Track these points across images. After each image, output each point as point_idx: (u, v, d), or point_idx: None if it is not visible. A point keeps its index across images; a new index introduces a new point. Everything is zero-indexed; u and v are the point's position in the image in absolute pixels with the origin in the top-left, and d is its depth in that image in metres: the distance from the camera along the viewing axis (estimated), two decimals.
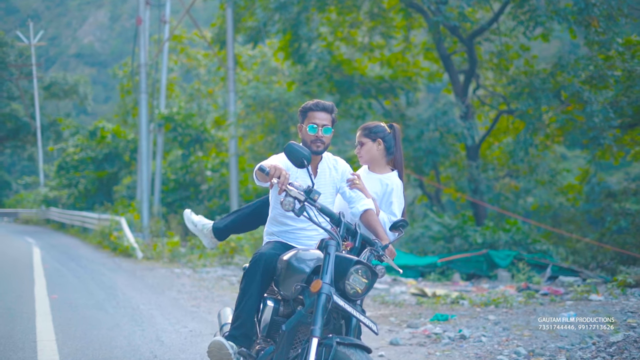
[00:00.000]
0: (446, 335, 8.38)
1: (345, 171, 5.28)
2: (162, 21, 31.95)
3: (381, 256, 4.66)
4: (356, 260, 4.36)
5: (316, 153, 5.07)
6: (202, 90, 40.92)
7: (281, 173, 4.40)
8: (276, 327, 4.76)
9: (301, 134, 5.15)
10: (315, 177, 5.13)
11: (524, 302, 10.87)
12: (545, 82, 19.52)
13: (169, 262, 18.70)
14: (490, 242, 18.04)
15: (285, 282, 4.69)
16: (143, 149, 25.72)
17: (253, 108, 23.70)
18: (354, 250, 4.59)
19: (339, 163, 5.29)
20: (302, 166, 4.52)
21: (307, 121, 5.10)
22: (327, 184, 5.18)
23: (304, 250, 4.75)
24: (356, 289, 4.37)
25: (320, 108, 5.08)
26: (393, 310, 10.74)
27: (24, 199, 51.02)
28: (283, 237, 5.20)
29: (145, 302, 11.31)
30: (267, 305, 4.84)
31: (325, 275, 4.31)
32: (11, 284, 13.29)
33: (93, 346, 7.71)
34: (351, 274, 4.34)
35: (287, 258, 4.72)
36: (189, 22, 37.55)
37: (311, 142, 5.05)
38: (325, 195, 5.12)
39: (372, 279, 4.39)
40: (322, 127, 5.04)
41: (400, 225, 4.97)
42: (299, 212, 4.42)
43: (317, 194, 4.45)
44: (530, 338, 8.02)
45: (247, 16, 25.12)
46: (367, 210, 5.16)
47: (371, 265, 4.45)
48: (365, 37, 25.42)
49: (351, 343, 4.23)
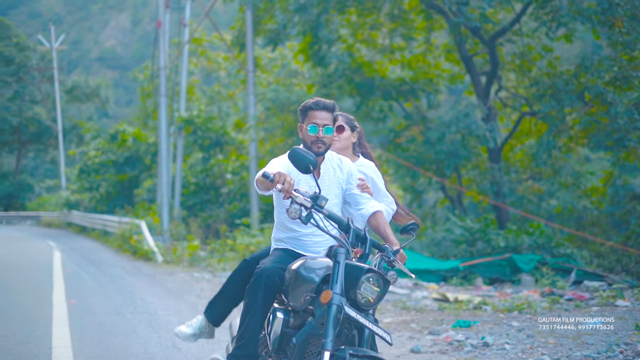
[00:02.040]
0: (469, 343, 8.20)
1: (352, 172, 5.10)
2: (182, 24, 31.96)
3: (392, 262, 4.50)
4: (367, 268, 4.21)
5: (318, 154, 4.87)
6: (223, 93, 40.90)
7: (285, 179, 4.24)
8: (287, 340, 4.57)
9: (301, 134, 4.96)
10: (319, 179, 4.93)
11: (548, 307, 10.68)
12: (568, 84, 19.27)
13: (188, 266, 18.62)
14: (514, 246, 17.82)
15: (294, 292, 4.52)
16: (163, 152, 25.70)
17: (273, 111, 23.61)
18: (364, 257, 4.44)
19: (344, 163, 5.11)
20: (308, 172, 4.37)
21: (307, 121, 4.90)
22: (332, 184, 5.00)
23: (312, 259, 4.58)
24: (368, 298, 4.21)
25: (321, 107, 4.88)
26: (414, 316, 10.57)
27: (46, 202, 51.26)
28: (291, 243, 5.02)
29: (164, 307, 11.21)
30: (277, 317, 4.63)
31: (335, 285, 4.16)
32: (30, 288, 13.25)
33: (109, 353, 7.61)
34: (362, 283, 4.19)
35: (296, 267, 4.56)
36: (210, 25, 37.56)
37: (312, 142, 4.87)
38: (330, 196, 4.94)
39: (384, 287, 4.24)
40: (323, 127, 4.84)
41: (411, 228, 4.82)
42: (305, 220, 4.27)
43: (324, 200, 4.30)
44: (555, 346, 7.84)
45: (266, 18, 25.03)
46: (377, 212, 4.99)
47: (383, 272, 4.30)
48: (386, 39, 25.25)
49: (365, 355, 4.09)
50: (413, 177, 23.82)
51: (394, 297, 12.67)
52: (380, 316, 10.59)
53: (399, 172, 24.10)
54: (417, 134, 23.58)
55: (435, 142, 21.12)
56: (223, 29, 38.37)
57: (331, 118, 4.89)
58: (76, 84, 60.37)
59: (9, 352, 7.52)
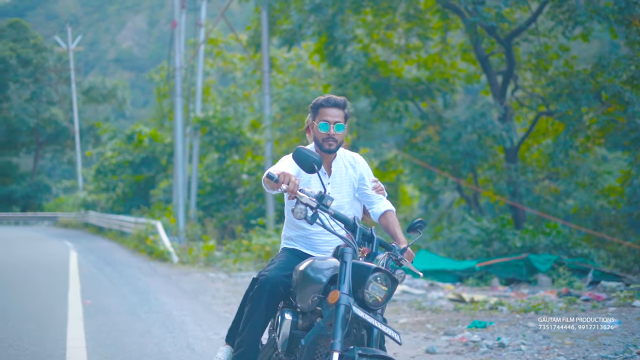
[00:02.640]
0: (484, 344, 8.15)
1: (365, 171, 5.04)
2: (197, 25, 32.01)
3: (400, 260, 4.46)
4: (375, 267, 4.17)
5: (329, 151, 4.82)
6: (238, 94, 40.92)
7: (290, 179, 4.20)
8: (296, 342, 4.51)
9: (312, 131, 4.89)
10: (330, 177, 4.89)
11: (565, 308, 10.60)
12: (585, 83, 19.15)
13: (204, 267, 18.63)
14: (530, 246, 17.71)
15: (301, 293, 4.47)
16: (179, 152, 25.74)
17: (288, 111, 23.60)
18: (371, 256, 4.40)
19: (357, 161, 5.04)
20: (313, 171, 4.31)
21: (318, 118, 4.83)
22: (344, 183, 4.94)
23: (319, 260, 4.54)
24: (376, 298, 4.17)
25: (332, 104, 4.80)
26: (430, 317, 10.51)
27: (63, 203, 51.49)
28: (300, 242, 4.96)
29: (178, 307, 11.21)
30: (285, 318, 4.56)
31: (342, 285, 4.12)
32: (46, 288, 13.29)
33: (123, 353, 7.61)
34: (370, 282, 4.15)
35: (303, 268, 4.51)
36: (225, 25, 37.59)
37: (323, 140, 4.79)
38: (342, 195, 4.90)
39: (392, 286, 4.20)
40: (334, 124, 4.77)
41: (418, 226, 4.77)
42: (311, 220, 4.23)
43: (329, 200, 4.25)
44: (571, 347, 7.77)
45: (282, 19, 25.04)
46: (387, 212, 4.95)
47: (390, 271, 4.26)
48: (402, 38, 25.19)
49: (374, 355, 4.05)
50: (429, 177, 23.78)
51: (410, 297, 12.62)
52: (395, 316, 10.55)
53: (415, 172, 24.06)
54: (433, 134, 23.53)
55: (451, 142, 21.04)
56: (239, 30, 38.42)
57: (342, 115, 4.82)
58: (93, 85, 60.63)
59: (24, 352, 7.54)
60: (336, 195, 4.85)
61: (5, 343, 8.01)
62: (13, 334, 8.49)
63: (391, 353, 7.84)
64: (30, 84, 56.33)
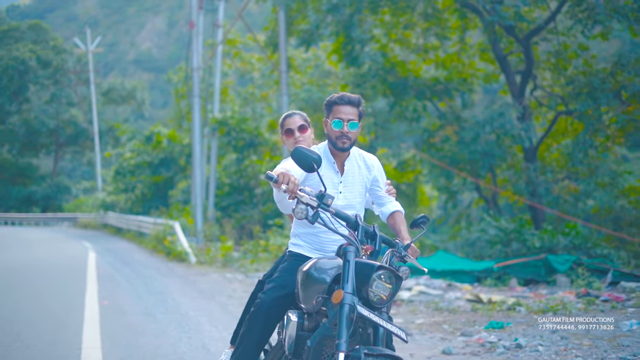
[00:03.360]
0: (501, 344, 8.08)
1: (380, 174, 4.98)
2: (215, 25, 32.05)
3: (404, 257, 4.41)
4: (378, 265, 4.12)
5: (342, 150, 4.74)
6: (256, 94, 40.94)
7: (290, 179, 4.15)
8: (303, 343, 4.45)
9: (326, 129, 4.81)
10: (342, 175, 4.82)
11: (583, 309, 10.49)
12: (604, 82, 19.03)
13: (221, 267, 18.63)
14: (549, 246, 17.60)
15: (305, 294, 4.42)
16: (196, 153, 25.76)
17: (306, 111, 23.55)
18: (375, 253, 4.35)
19: (372, 162, 4.98)
20: (312, 170, 4.26)
21: (332, 116, 4.75)
22: (356, 182, 4.87)
23: (322, 259, 4.49)
24: (380, 296, 4.12)
25: (346, 101, 4.73)
26: (447, 317, 10.44)
27: (82, 204, 51.68)
28: (308, 239, 4.88)
29: (195, 308, 11.19)
30: (291, 320, 4.51)
31: (346, 284, 4.08)
32: (64, 289, 13.32)
33: (138, 354, 7.59)
34: (374, 281, 4.11)
35: (307, 269, 4.45)
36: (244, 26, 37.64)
37: (336, 138, 4.71)
38: (354, 194, 4.84)
39: (396, 283, 4.15)
40: (348, 122, 4.69)
41: (421, 222, 4.72)
42: (313, 220, 4.19)
43: (330, 198, 4.21)
44: (590, 348, 7.68)
45: (299, 19, 25.02)
46: (397, 212, 4.92)
47: (394, 269, 4.22)
48: (420, 38, 25.12)
49: (380, 354, 4.00)
50: (447, 177, 23.69)
51: (427, 298, 12.55)
52: (412, 317, 10.50)
53: (433, 172, 23.99)
54: (451, 134, 23.45)
55: (469, 142, 20.96)
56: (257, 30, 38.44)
57: (356, 113, 4.75)
58: (112, 87, 60.90)
59: (39, 353, 7.54)
60: (348, 194, 4.81)
61: (23, 343, 8.02)
62: (30, 334, 8.51)
63: (407, 354, 7.82)
64: (50, 85, 56.64)
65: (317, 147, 4.87)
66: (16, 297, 12.04)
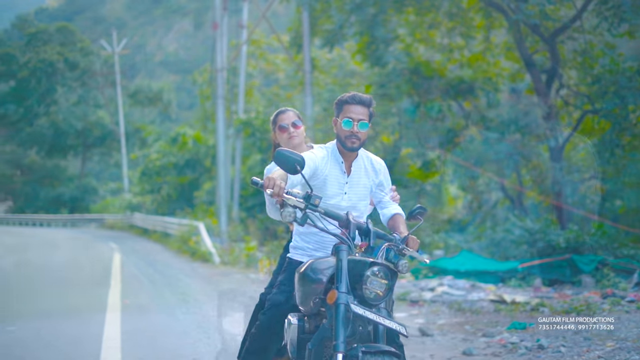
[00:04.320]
0: (523, 345, 7.99)
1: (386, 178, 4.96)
2: (239, 26, 32.12)
3: (402, 250, 4.36)
4: (371, 261, 4.08)
5: (351, 149, 4.71)
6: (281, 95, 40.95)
7: (275, 183, 4.12)
8: (305, 346, 4.40)
9: (336, 128, 4.79)
10: (349, 175, 4.79)
11: (608, 309, 10.37)
12: (632, 81, 18.82)
13: (245, 268, 18.65)
14: (575, 247, 17.40)
15: (303, 296, 4.39)
16: (220, 153, 25.83)
17: (330, 112, 23.55)
18: (369, 249, 4.31)
19: (378, 165, 4.95)
20: (296, 172, 4.21)
21: (342, 115, 4.72)
22: (361, 184, 4.83)
23: (318, 259, 4.45)
24: (376, 292, 4.09)
25: (357, 101, 4.69)
26: (469, 318, 10.36)
27: (109, 205, 51.98)
28: (310, 238, 4.85)
29: (216, 308, 11.20)
30: (292, 324, 4.48)
31: (340, 283, 4.05)
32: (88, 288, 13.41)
33: (157, 354, 7.62)
34: (368, 277, 4.07)
35: (303, 270, 4.42)
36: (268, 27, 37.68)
37: (345, 137, 4.69)
38: (359, 196, 4.81)
39: (392, 278, 4.12)
40: (358, 121, 4.66)
41: (418, 212, 4.65)
42: (301, 221, 4.17)
43: (317, 199, 4.18)
44: (613, 349, 7.57)
45: (323, 19, 25.00)
46: (397, 214, 4.87)
47: (389, 263, 4.17)
48: (445, 38, 25.00)
49: (378, 350, 3.98)
50: (472, 177, 23.54)
51: (450, 298, 12.46)
52: (434, 317, 10.44)
53: (458, 172, 23.84)
54: (476, 134, 23.30)
55: (494, 141, 20.80)
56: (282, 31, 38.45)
57: (367, 113, 4.72)
58: (139, 88, 61.23)
59: (59, 351, 7.58)
60: (353, 196, 4.79)
61: (43, 342, 8.08)
62: (52, 333, 8.57)
63: (427, 354, 7.76)
64: (78, 87, 57.08)
65: (326, 146, 4.85)
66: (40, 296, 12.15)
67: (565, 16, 22.18)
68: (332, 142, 4.88)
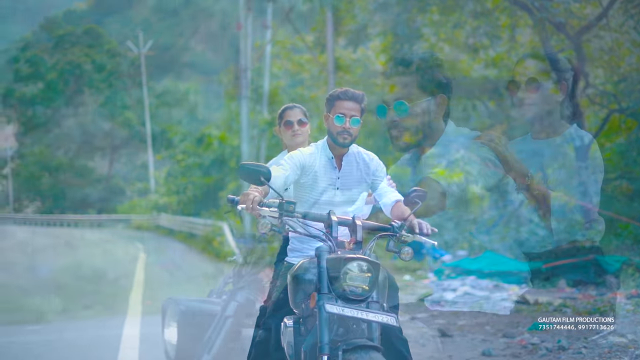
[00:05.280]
0: (544, 346, 7.94)
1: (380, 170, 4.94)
2: (263, 26, 32.16)
3: (401, 237, 4.33)
4: (346, 257, 4.05)
5: (342, 145, 4.74)
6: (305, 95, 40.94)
7: (247, 198, 4.11)
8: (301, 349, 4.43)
9: (327, 124, 4.81)
10: (340, 171, 4.79)
11: (632, 310, 10.26)
12: None
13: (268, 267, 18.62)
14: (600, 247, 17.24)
15: (295, 298, 4.40)
16: (244, 154, 25.88)
17: None
18: (358, 244, 4.28)
19: (371, 158, 4.95)
20: (262, 184, 4.21)
21: (334, 111, 4.75)
22: (353, 179, 4.83)
23: (306, 260, 4.43)
24: (360, 287, 4.05)
25: (349, 97, 4.74)
26: (490, 319, 10.30)
27: (136, 205, 52.17)
28: (306, 239, 4.82)
29: None
30: (287, 327, 4.48)
31: (320, 285, 4.05)
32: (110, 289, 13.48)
33: None
34: (346, 273, 4.03)
35: (293, 272, 4.42)
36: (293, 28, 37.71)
37: (337, 133, 4.72)
38: (352, 192, 4.80)
39: (375, 270, 4.08)
40: (350, 117, 4.70)
41: (415, 195, 4.51)
42: (280, 230, 4.19)
43: (292, 205, 4.18)
44: (635, 350, 7.48)
45: (347, 19, 24.99)
46: (399, 201, 4.80)
47: (369, 256, 4.14)
48: (469, 37, 24.88)
49: (356, 346, 3.97)
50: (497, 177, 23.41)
51: (472, 299, 12.39)
52: (454, 318, 10.38)
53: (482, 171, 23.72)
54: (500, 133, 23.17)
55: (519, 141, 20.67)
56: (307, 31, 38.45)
57: (359, 109, 4.77)
58: (166, 89, 61.51)
59: (78, 351, 7.61)
60: (345, 190, 4.80)
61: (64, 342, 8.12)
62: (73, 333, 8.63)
63: (446, 355, 7.72)
64: (105, 88, 57.42)
65: (316, 144, 4.86)
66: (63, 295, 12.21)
67: (591, 14, 21.99)
68: (322, 140, 4.89)
